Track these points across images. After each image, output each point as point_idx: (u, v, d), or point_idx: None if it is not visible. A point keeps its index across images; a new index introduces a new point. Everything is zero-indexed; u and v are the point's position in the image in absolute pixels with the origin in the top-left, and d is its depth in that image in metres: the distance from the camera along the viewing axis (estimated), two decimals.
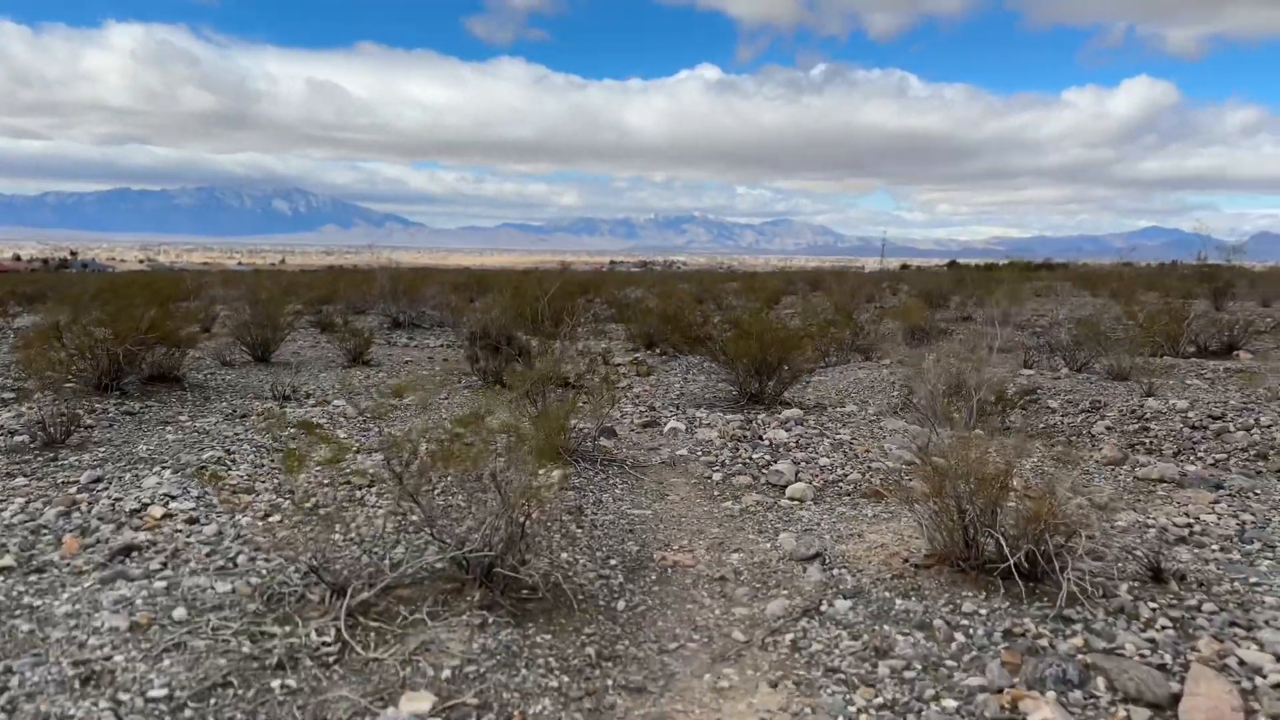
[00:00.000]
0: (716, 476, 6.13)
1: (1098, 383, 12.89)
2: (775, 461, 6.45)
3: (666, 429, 7.77)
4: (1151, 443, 9.91)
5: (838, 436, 7.41)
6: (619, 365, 13.46)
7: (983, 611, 3.85)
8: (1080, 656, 3.40)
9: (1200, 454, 9.15)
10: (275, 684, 3.19)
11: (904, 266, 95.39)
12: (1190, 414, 10.30)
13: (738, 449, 6.89)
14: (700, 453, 6.86)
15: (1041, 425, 10.92)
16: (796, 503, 5.48)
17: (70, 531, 4.63)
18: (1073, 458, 6.82)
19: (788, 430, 7.53)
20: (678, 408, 8.98)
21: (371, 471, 5.90)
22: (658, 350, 16.67)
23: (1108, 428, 10.75)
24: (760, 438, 7.26)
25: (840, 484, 5.91)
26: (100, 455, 6.44)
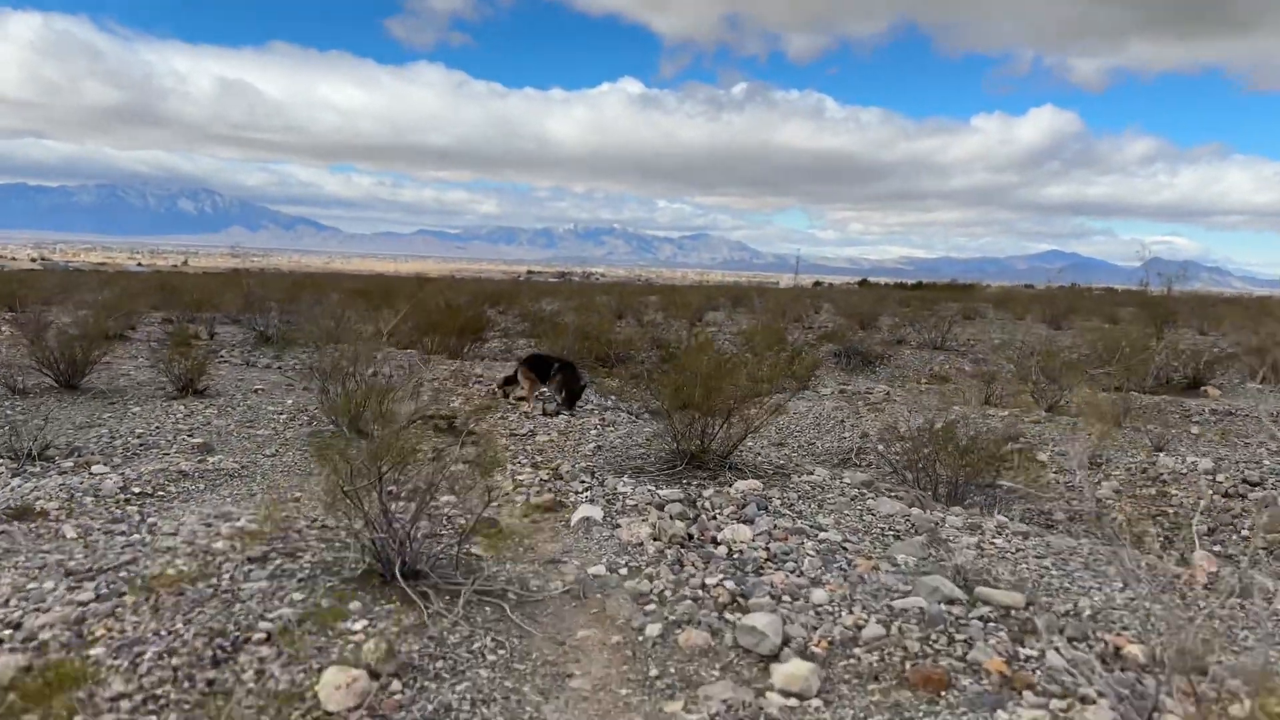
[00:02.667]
0: (653, 629, 3.73)
1: (1085, 429, 11.05)
2: (744, 593, 4.11)
3: (575, 518, 5.35)
4: (1176, 514, 7.99)
5: (822, 536, 5.12)
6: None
7: None
8: None
9: (1245, 533, 7.26)
10: None
11: (817, 284, 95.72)
12: (1218, 477, 8.43)
13: (681, 563, 4.53)
14: (625, 569, 4.47)
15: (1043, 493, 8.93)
16: (795, 702, 3.14)
17: None
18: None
19: (750, 524, 5.22)
20: (592, 474, 6.58)
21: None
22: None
23: (1116, 491, 8.84)
24: (714, 540, 4.92)
25: (856, 650, 3.58)
26: None
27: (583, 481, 6.33)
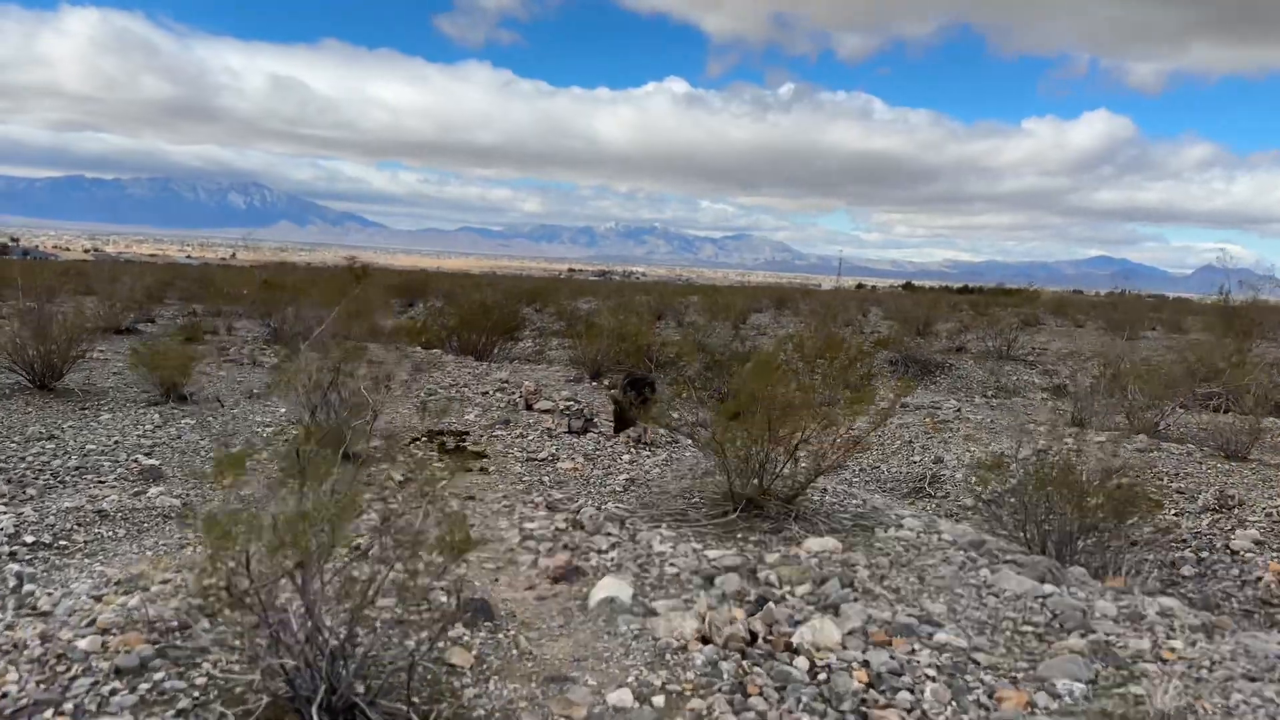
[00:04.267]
0: None
1: (1203, 460, 9.41)
2: None
3: (596, 597, 3.94)
4: None
5: (939, 638, 3.64)
6: (546, 411, 9.63)
7: None
8: None
9: None
10: None
11: (859, 286, 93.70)
12: None
13: (744, 689, 3.10)
14: (661, 696, 3.05)
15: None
16: None
17: None
18: None
19: (836, 613, 3.77)
20: (622, 523, 5.17)
21: None
22: (605, 383, 12.90)
23: (1256, 542, 7.23)
24: (789, 645, 3.47)
25: None
26: None
27: (609, 535, 4.92)
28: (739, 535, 5.07)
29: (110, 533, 4.65)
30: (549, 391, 11.21)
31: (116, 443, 6.88)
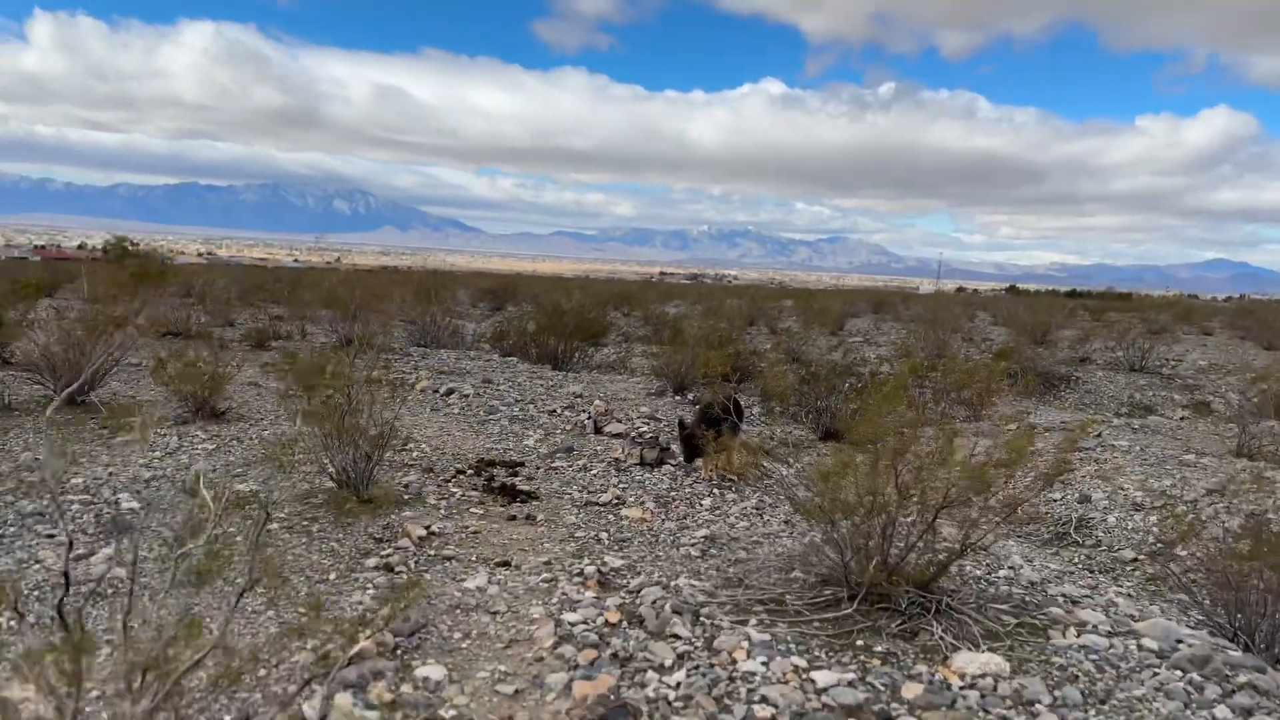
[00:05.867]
0: None
1: None
2: None
3: None
4: None
5: None
6: (617, 436, 8.32)
7: None
8: None
9: None
10: None
11: (960, 289, 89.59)
12: None
13: None
14: None
15: None
16: None
17: None
18: None
19: None
20: (695, 617, 3.80)
21: None
22: (689, 396, 11.54)
23: None
24: None
25: None
26: None
27: (676, 637, 3.55)
28: (858, 642, 3.63)
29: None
30: (625, 408, 9.92)
31: (111, 474, 5.88)
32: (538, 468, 6.96)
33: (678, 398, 11.43)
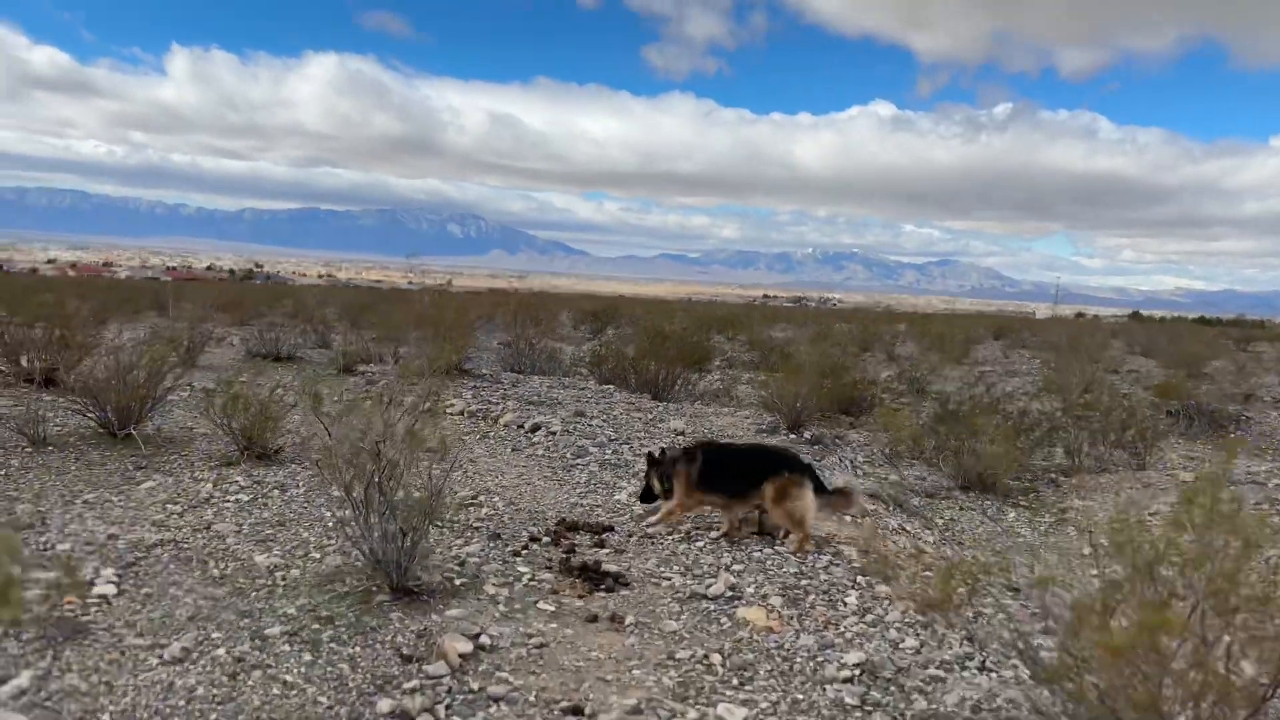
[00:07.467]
0: None
1: None
2: None
3: None
4: None
5: None
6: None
7: None
8: None
9: None
10: None
11: (1079, 315, 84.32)
12: None
13: None
14: None
15: None
16: None
17: None
18: None
19: None
20: None
21: None
22: (807, 435, 10.00)
23: None
24: None
25: None
26: None
27: None
28: None
29: None
30: (740, 435, 8.48)
31: (111, 536, 4.81)
32: (630, 534, 5.59)
33: (791, 436, 9.92)
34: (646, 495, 5.76)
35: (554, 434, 8.76)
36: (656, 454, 5.65)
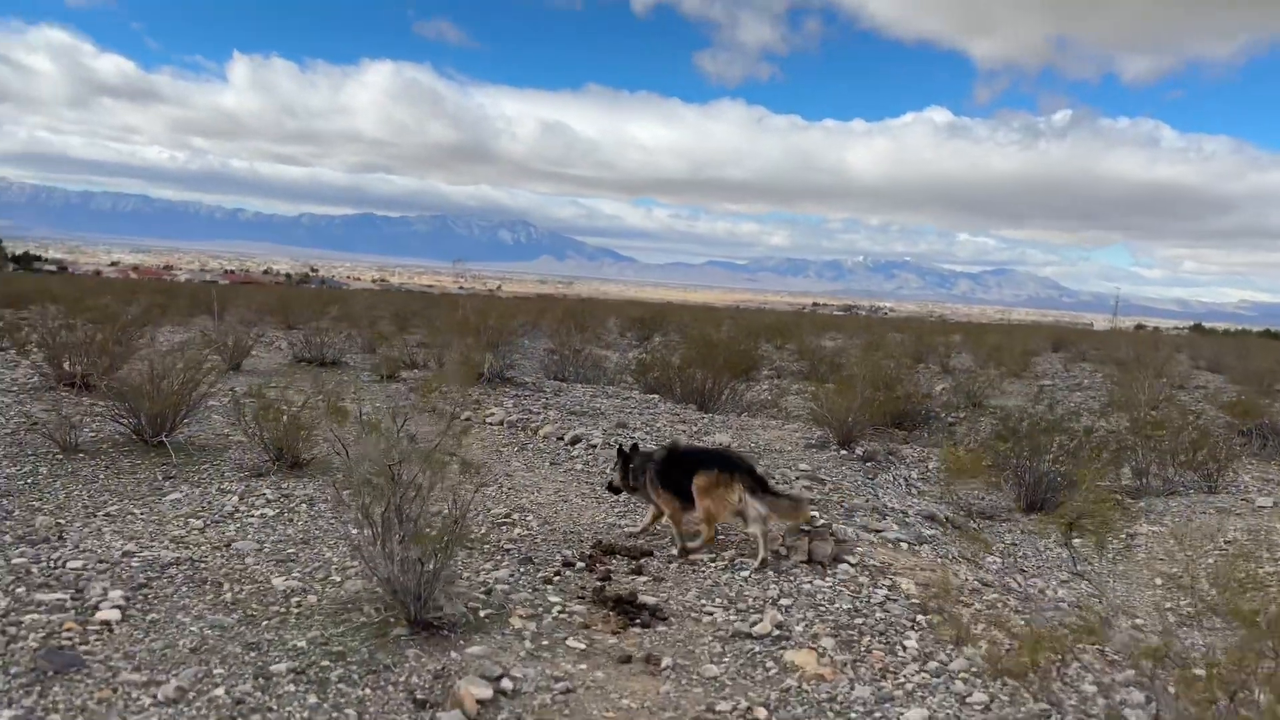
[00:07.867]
0: None
1: None
2: None
3: None
4: None
5: None
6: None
7: None
8: None
9: None
10: None
11: (1139, 327, 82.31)
12: None
13: None
14: None
15: None
16: None
17: None
18: None
19: None
20: None
21: None
22: (859, 452, 9.53)
23: None
24: None
25: None
26: None
27: None
28: None
29: None
30: (779, 464, 8.08)
31: (127, 553, 4.59)
32: (670, 560, 5.24)
33: (842, 451, 9.46)
34: (613, 487, 5.96)
35: (594, 447, 8.45)
36: (627, 449, 5.81)
